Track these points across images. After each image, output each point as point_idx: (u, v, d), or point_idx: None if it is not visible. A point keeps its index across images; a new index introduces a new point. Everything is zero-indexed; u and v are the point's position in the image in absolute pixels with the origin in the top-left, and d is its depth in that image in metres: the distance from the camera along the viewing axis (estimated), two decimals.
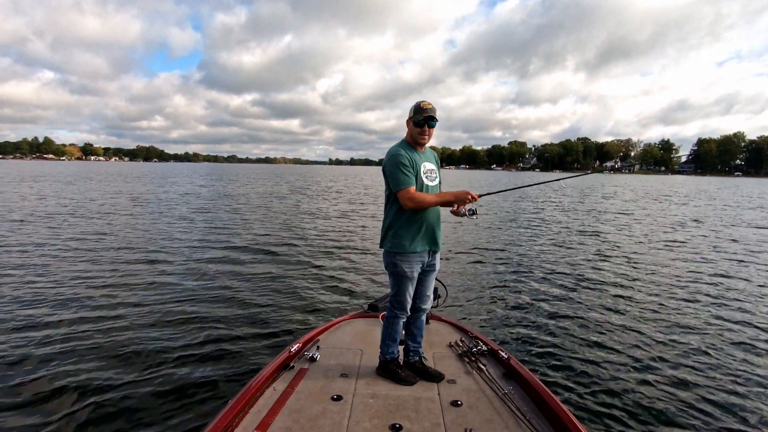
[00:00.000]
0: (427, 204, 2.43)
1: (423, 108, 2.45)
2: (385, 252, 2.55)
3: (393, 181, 2.43)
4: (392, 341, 2.62)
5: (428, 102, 2.47)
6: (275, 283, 6.28)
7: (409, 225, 2.47)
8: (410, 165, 2.43)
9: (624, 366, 3.84)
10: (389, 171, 2.45)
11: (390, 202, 2.54)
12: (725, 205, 22.92)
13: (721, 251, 9.50)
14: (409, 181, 2.41)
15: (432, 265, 2.64)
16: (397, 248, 2.47)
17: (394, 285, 2.57)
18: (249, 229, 11.41)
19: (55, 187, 25.56)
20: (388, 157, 2.48)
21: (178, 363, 3.73)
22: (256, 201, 20.12)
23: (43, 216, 12.63)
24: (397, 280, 2.54)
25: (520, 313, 5.19)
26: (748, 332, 4.70)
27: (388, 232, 2.52)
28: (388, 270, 2.58)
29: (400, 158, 2.42)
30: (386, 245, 2.53)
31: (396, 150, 2.48)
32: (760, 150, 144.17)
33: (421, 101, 2.48)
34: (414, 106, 2.49)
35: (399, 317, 2.62)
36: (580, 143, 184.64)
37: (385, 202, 2.60)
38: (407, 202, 2.40)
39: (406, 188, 2.39)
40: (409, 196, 2.39)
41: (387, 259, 2.55)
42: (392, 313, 2.63)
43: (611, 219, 15.59)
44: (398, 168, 2.40)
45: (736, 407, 3.24)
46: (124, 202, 17.82)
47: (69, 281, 6.04)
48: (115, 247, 8.43)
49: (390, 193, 2.50)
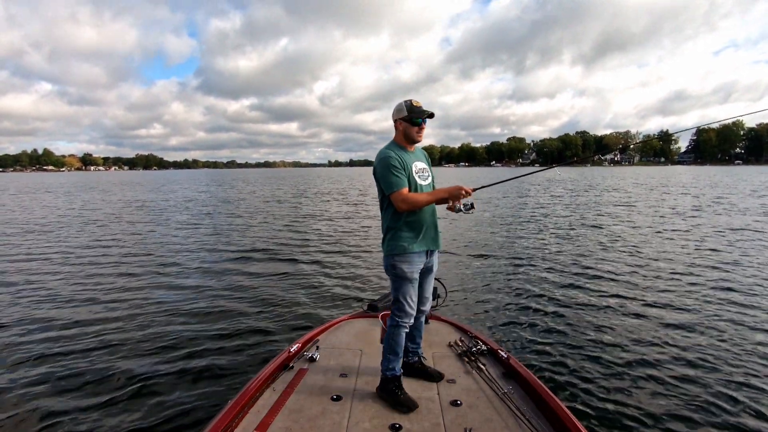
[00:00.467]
0: (420, 204, 2.39)
1: (417, 106, 2.43)
2: (385, 255, 2.50)
3: (385, 184, 2.39)
4: (394, 355, 2.48)
5: (416, 101, 2.47)
6: (275, 283, 6.29)
7: (407, 226, 2.43)
8: (401, 166, 2.39)
9: (624, 365, 3.81)
10: (380, 174, 2.42)
11: (385, 206, 2.50)
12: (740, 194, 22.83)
13: (725, 247, 9.42)
14: (401, 182, 2.37)
15: (431, 266, 2.60)
16: (397, 250, 2.42)
17: (395, 289, 2.49)
18: (248, 231, 11.42)
19: (57, 197, 25.65)
20: (378, 161, 2.44)
21: (178, 363, 3.74)
22: (255, 204, 20.14)
23: (42, 225, 12.67)
24: (398, 283, 2.47)
25: (519, 312, 5.18)
26: (753, 333, 4.59)
27: (387, 235, 2.48)
28: (388, 274, 2.52)
29: (390, 160, 2.38)
30: (386, 248, 2.48)
31: (385, 153, 2.43)
32: (759, 138, 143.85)
33: (410, 100, 2.46)
34: (406, 106, 2.45)
35: (401, 326, 2.49)
36: (578, 137, 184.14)
37: (380, 206, 2.56)
38: (401, 204, 2.36)
39: (398, 190, 2.36)
40: (402, 198, 2.36)
41: (387, 262, 2.50)
42: (394, 322, 2.50)
43: (612, 215, 15.55)
44: (389, 170, 2.37)
45: (738, 406, 3.20)
46: (125, 209, 17.85)
47: (71, 285, 6.05)
48: (114, 252, 8.44)
49: (384, 197, 2.46)
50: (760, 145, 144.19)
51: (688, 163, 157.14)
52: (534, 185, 33.53)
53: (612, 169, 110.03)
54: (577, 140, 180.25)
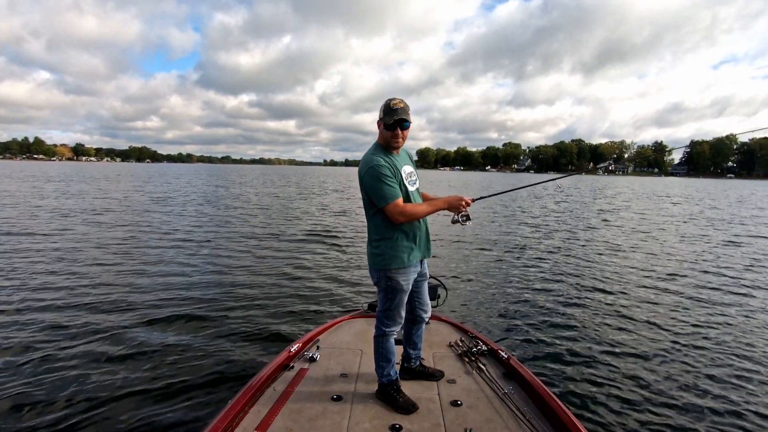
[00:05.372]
0: (419, 216, 2.24)
1: (393, 108, 2.16)
2: (378, 269, 2.29)
3: (377, 196, 2.17)
4: (386, 362, 2.38)
5: (399, 100, 2.19)
6: (275, 283, 6.25)
7: (405, 237, 2.27)
8: (392, 174, 2.18)
9: (624, 365, 3.85)
10: (370, 184, 2.17)
11: (372, 214, 2.29)
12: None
13: (727, 254, 9.54)
14: (395, 193, 2.16)
15: (424, 272, 2.52)
16: (394, 264, 2.25)
17: (386, 300, 2.32)
18: (247, 230, 11.35)
19: (36, 186, 25.32)
20: (366, 168, 2.18)
21: (178, 363, 3.70)
22: (253, 201, 20.03)
23: (29, 215, 12.51)
24: (391, 294, 2.30)
25: (520, 312, 5.20)
26: (754, 334, 4.68)
27: (379, 246, 2.27)
28: (379, 286, 2.33)
29: (380, 168, 2.15)
30: (379, 261, 2.27)
31: (374, 159, 2.18)
32: (752, 152, 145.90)
33: (391, 99, 2.20)
34: (383, 106, 2.21)
35: (389, 335, 2.38)
36: (574, 145, 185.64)
37: (366, 214, 2.33)
38: (398, 217, 2.17)
39: (394, 202, 2.15)
40: (399, 211, 2.16)
41: (380, 275, 2.30)
42: (381, 332, 2.37)
43: (610, 220, 15.67)
44: (380, 180, 2.14)
45: (738, 407, 3.25)
46: (114, 202, 17.68)
47: (66, 282, 5.98)
48: (111, 251, 8.36)
49: (371, 205, 2.25)
50: (752, 159, 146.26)
51: (681, 174, 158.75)
52: (532, 191, 33.71)
53: (606, 178, 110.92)
54: (572, 148, 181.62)
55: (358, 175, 2.26)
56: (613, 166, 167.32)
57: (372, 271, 2.35)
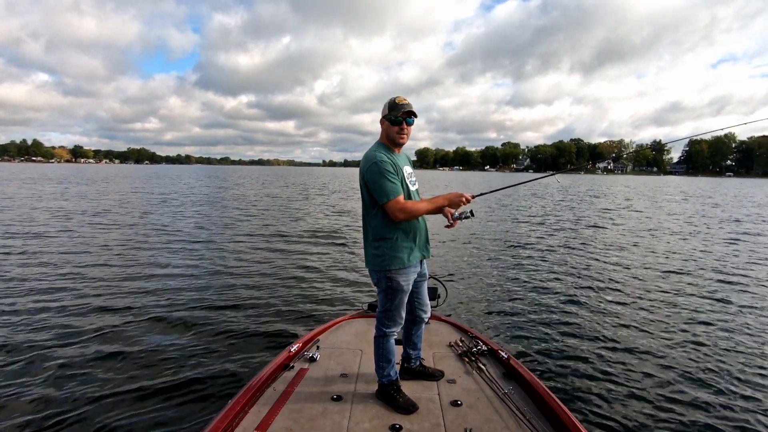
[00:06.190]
0: (420, 213, 2.22)
1: (399, 104, 2.20)
2: (377, 270, 2.27)
3: (379, 192, 2.15)
4: (386, 362, 2.37)
5: (403, 97, 2.23)
6: (275, 283, 6.25)
7: (404, 236, 2.25)
8: (394, 171, 2.17)
9: (624, 365, 3.85)
10: (372, 180, 2.16)
11: (373, 214, 2.26)
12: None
13: (727, 253, 9.55)
14: (397, 189, 2.15)
15: (423, 272, 2.51)
16: (395, 264, 2.23)
17: (388, 300, 2.31)
18: (246, 230, 11.35)
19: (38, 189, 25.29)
20: (369, 165, 2.17)
21: (178, 363, 3.70)
22: (252, 202, 20.03)
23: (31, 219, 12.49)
24: (392, 295, 2.29)
25: (520, 312, 5.21)
26: (754, 335, 4.67)
27: (379, 247, 2.25)
28: (379, 286, 2.31)
29: (383, 164, 2.14)
30: (378, 262, 2.25)
31: (376, 156, 2.18)
32: (750, 151, 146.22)
33: (395, 97, 2.23)
34: (388, 103, 2.24)
35: (389, 335, 2.37)
36: (573, 144, 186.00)
37: (365, 214, 2.31)
38: (398, 214, 2.15)
39: (395, 198, 2.14)
40: (399, 207, 2.14)
41: (379, 276, 2.28)
42: (381, 332, 2.37)
43: (611, 219, 15.68)
44: (382, 176, 2.13)
45: (740, 407, 3.24)
46: (114, 204, 17.67)
47: (66, 282, 5.98)
48: (111, 251, 8.36)
49: (372, 204, 2.24)
50: (750, 158, 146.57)
51: (680, 173, 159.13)
52: (532, 190, 33.73)
53: (605, 177, 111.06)
54: (571, 147, 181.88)
55: (360, 172, 2.26)
56: (612, 165, 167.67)
57: (372, 271, 2.34)
